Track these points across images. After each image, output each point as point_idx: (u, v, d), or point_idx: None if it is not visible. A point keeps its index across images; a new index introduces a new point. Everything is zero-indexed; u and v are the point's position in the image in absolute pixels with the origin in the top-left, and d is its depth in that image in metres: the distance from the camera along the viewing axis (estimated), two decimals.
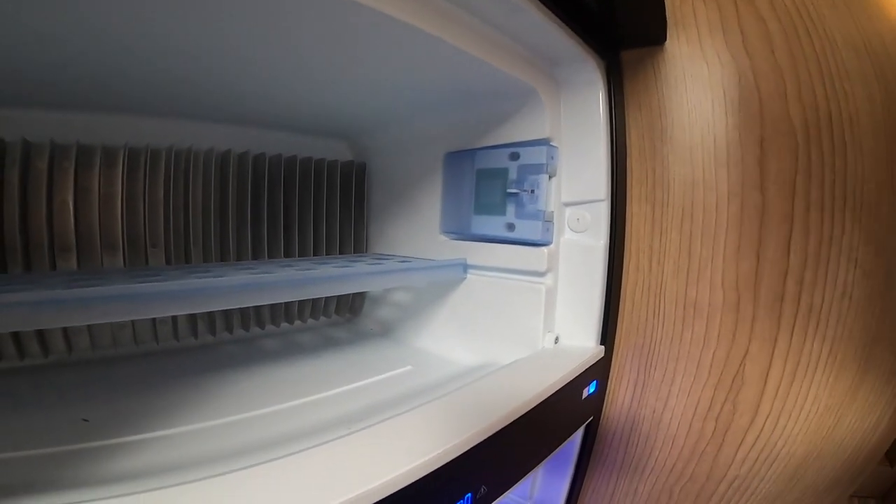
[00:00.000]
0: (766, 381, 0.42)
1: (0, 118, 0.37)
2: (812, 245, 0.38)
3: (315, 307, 0.56)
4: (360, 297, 0.61)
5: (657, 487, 0.51)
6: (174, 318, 0.47)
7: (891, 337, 0.43)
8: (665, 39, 0.42)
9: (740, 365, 0.41)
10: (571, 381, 0.36)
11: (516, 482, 0.35)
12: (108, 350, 0.45)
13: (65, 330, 0.42)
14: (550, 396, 0.34)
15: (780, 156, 0.38)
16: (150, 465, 0.27)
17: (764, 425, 0.45)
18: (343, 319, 0.63)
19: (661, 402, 0.45)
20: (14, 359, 0.41)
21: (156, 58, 0.32)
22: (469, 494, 0.29)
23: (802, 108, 0.39)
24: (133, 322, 0.45)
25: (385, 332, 0.58)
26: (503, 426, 0.29)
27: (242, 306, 0.38)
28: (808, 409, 0.44)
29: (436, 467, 0.24)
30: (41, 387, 0.39)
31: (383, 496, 0.21)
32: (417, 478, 0.23)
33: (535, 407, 0.32)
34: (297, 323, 0.57)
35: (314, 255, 0.54)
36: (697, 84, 0.41)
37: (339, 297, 0.58)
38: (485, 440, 0.27)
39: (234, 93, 0.41)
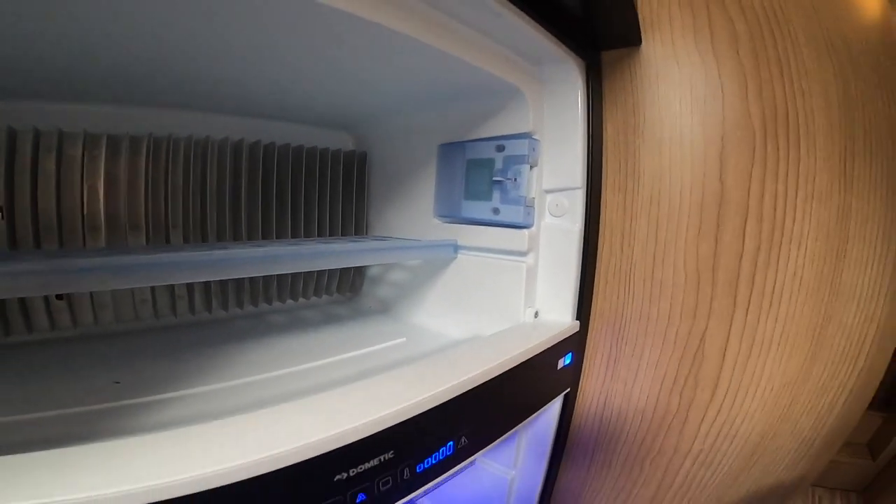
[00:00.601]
0: (724, 358, 0.46)
1: (40, 110, 0.41)
2: (765, 231, 0.42)
3: (318, 285, 0.61)
4: (359, 276, 0.66)
5: (629, 460, 0.55)
6: (190, 293, 0.51)
7: (841, 319, 0.47)
8: (641, 41, 0.45)
9: (700, 341, 0.46)
10: (546, 349, 0.41)
11: (494, 439, 0.39)
12: (131, 323, 0.50)
13: (92, 303, 0.47)
14: (525, 361, 0.38)
15: (738, 149, 0.42)
16: (177, 417, 0.32)
17: (723, 401, 0.49)
18: (344, 298, 0.67)
19: (632, 375, 0.50)
20: (46, 331, 0.45)
21: (182, 61, 0.37)
22: (451, 442, 0.34)
23: (762, 105, 0.43)
24: (154, 297, 0.49)
25: (383, 308, 0.63)
26: (480, 383, 0.33)
27: (260, 275, 0.42)
28: (763, 386, 0.48)
29: (420, 411, 0.28)
30: (73, 356, 0.43)
31: (376, 431, 0.26)
32: (406, 418, 0.27)
33: (511, 369, 0.36)
34: (302, 300, 0.62)
35: (318, 236, 0.58)
36: (668, 83, 0.45)
37: (341, 276, 0.63)
38: (462, 394, 0.32)
39: (249, 89, 0.45)
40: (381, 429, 0.25)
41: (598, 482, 0.58)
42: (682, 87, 0.44)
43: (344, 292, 0.66)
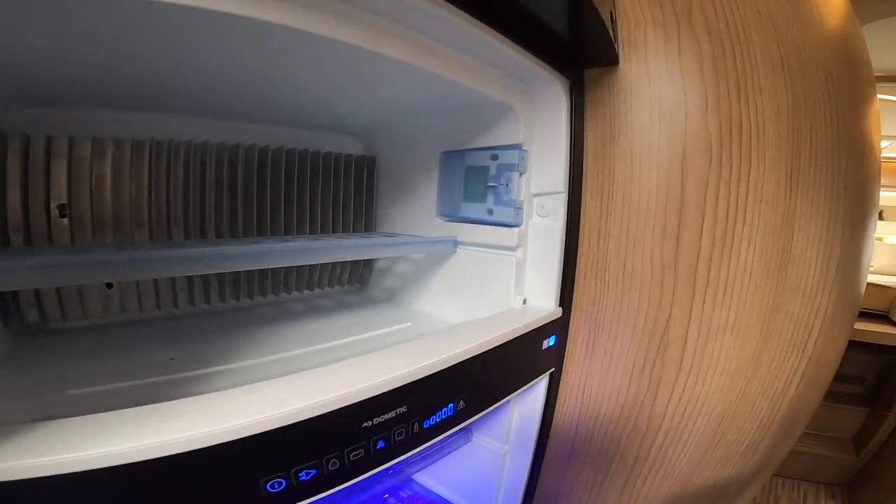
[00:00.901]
0: (685, 342, 0.53)
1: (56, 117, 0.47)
2: (719, 231, 0.49)
3: (332, 276, 0.68)
4: (368, 268, 0.73)
5: (608, 436, 0.61)
6: (221, 284, 0.58)
7: (788, 309, 0.54)
8: (618, 61, 0.51)
9: (665, 327, 0.52)
10: (532, 330, 0.48)
11: (487, 407, 0.46)
12: (170, 310, 0.56)
13: (137, 292, 0.53)
14: (514, 339, 0.45)
15: (697, 158, 0.48)
16: (228, 384, 0.37)
17: (687, 380, 0.55)
18: (354, 288, 0.74)
19: (608, 357, 0.56)
20: (98, 316, 0.52)
21: (207, 80, 0.43)
22: (451, 404, 0.41)
23: (719, 119, 0.49)
24: (190, 286, 0.56)
25: (389, 297, 0.70)
26: (475, 354, 0.40)
27: (288, 265, 0.49)
28: (721, 367, 0.54)
29: (427, 374, 0.35)
30: (126, 338, 0.49)
31: (392, 388, 0.33)
32: (415, 379, 0.34)
33: (502, 344, 0.43)
34: (317, 290, 0.69)
35: (332, 233, 0.65)
36: (640, 98, 0.50)
37: (352, 269, 0.70)
38: (460, 363, 0.39)
39: (267, 100, 0.51)
40: (396, 386, 0.32)
41: (582, 458, 0.64)
42: (651, 102, 0.50)
43: (354, 283, 0.73)
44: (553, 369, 0.57)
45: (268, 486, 0.28)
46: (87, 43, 0.32)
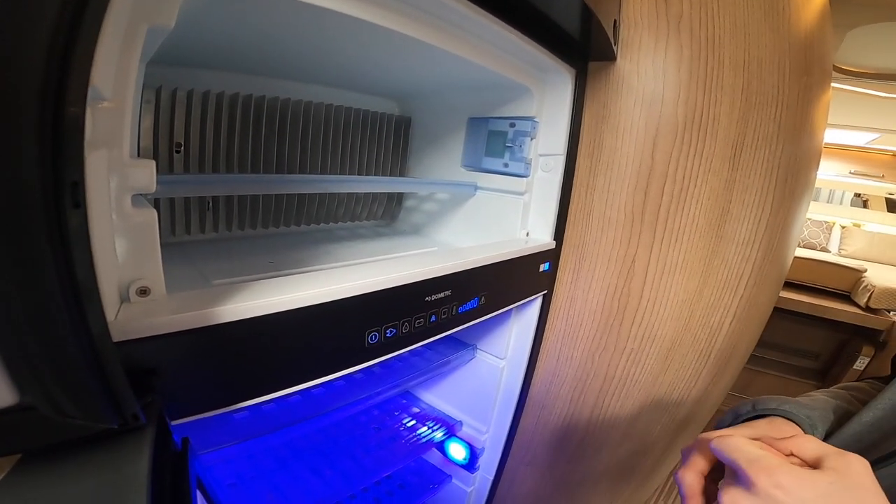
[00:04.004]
0: (646, 274, 0.70)
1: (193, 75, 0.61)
2: (676, 191, 0.65)
3: (370, 211, 0.84)
4: (399, 206, 0.89)
5: (585, 354, 0.77)
6: (288, 211, 0.73)
7: (724, 256, 0.71)
8: (616, 58, 0.64)
9: (632, 262, 0.69)
10: (533, 254, 0.64)
11: (502, 307, 0.62)
12: (250, 231, 0.70)
13: (227, 215, 0.68)
14: (520, 257, 0.61)
15: (665, 137, 0.63)
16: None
17: (647, 308, 0.71)
18: (384, 222, 0.90)
19: (588, 284, 0.73)
20: (198, 233, 0.65)
21: (294, 50, 0.55)
22: (476, 298, 0.57)
23: (686, 109, 0.63)
24: (266, 212, 0.71)
25: (416, 231, 0.86)
26: (493, 262, 0.56)
27: (350, 191, 0.65)
28: (672, 298, 0.71)
29: (463, 269, 0.51)
30: (225, 249, 0.61)
31: (443, 274, 0.49)
32: (456, 271, 0.50)
33: (511, 259, 0.59)
34: (356, 222, 0.85)
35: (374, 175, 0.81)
36: (629, 89, 0.64)
37: (386, 205, 0.86)
38: (483, 266, 0.54)
39: (335, 68, 0.63)
40: (446, 273, 0.49)
41: (564, 373, 0.80)
42: (637, 93, 0.64)
43: (386, 218, 0.89)
44: (546, 292, 0.74)
45: (369, 338, 0.43)
46: (236, 22, 0.44)
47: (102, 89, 0.24)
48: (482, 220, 0.75)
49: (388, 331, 0.46)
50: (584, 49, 0.63)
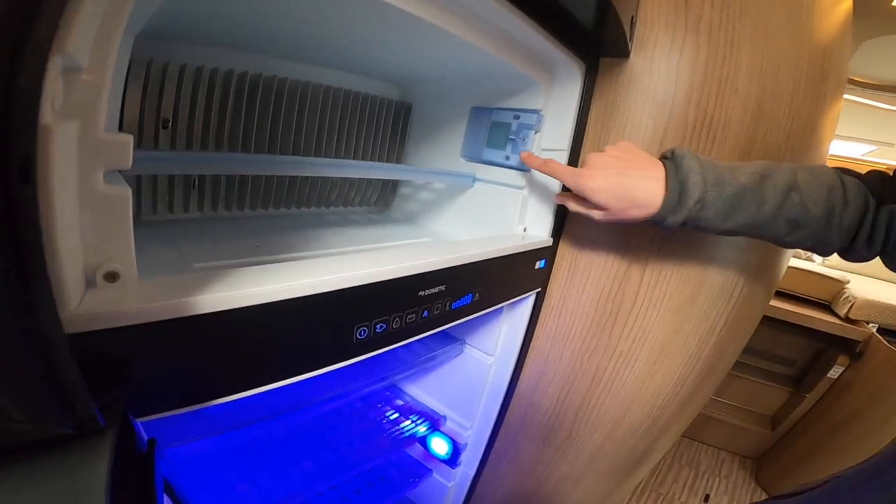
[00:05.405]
0: (642, 277, 0.67)
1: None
2: None
3: (363, 197, 0.81)
4: (393, 193, 0.86)
5: (574, 354, 0.75)
6: (278, 192, 0.70)
7: (720, 262, 0.69)
8: (629, 54, 0.62)
9: (629, 264, 0.67)
10: (529, 251, 0.62)
11: (496, 303, 0.60)
12: (236, 212, 0.67)
13: (212, 194, 0.65)
14: (515, 253, 0.59)
15: (673, 139, 0.61)
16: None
17: (640, 311, 0.70)
18: (378, 209, 0.87)
19: (583, 284, 0.71)
20: (181, 212, 0.62)
21: (291, 27, 0.52)
22: (470, 294, 0.55)
23: (696, 111, 0.61)
24: (255, 192, 0.68)
25: (410, 219, 0.84)
26: (488, 258, 0.54)
27: (338, 176, 0.62)
28: (665, 303, 0.69)
29: (458, 264, 0.49)
30: (211, 229, 0.59)
31: (436, 268, 0.46)
32: (450, 266, 0.48)
33: (506, 255, 0.57)
34: (350, 207, 0.82)
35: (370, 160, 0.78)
36: (640, 87, 0.62)
37: (380, 191, 0.83)
38: (478, 261, 0.52)
39: (336, 48, 0.60)
40: (440, 268, 0.47)
41: (551, 372, 0.78)
42: (647, 92, 0.62)
43: (379, 204, 0.87)
44: (539, 290, 0.72)
45: (357, 333, 0.41)
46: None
47: (79, 58, 0.22)
48: (479, 212, 0.73)
49: (377, 326, 0.44)
50: (598, 44, 0.61)
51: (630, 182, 0.50)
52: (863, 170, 0.55)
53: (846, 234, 0.49)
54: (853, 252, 0.51)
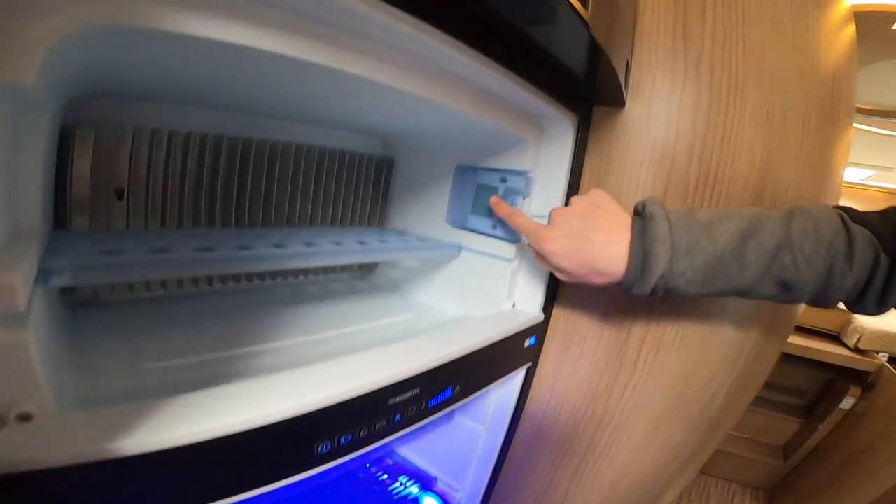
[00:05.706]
0: (640, 349, 0.61)
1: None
2: None
3: (344, 265, 0.76)
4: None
5: (568, 423, 0.70)
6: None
7: (724, 332, 0.62)
8: (625, 103, 0.57)
9: (626, 336, 0.61)
10: (518, 332, 0.56)
11: (476, 391, 0.54)
12: (204, 287, 0.62)
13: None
14: (503, 339, 0.53)
15: (675, 196, 0.56)
16: (272, 364, 0.45)
17: (638, 382, 0.64)
18: (361, 275, 0.81)
19: (577, 359, 0.65)
20: (143, 292, 0.57)
21: (274, 93, 0.49)
22: (450, 388, 0.49)
23: (699, 166, 0.56)
24: None
25: (393, 287, 0.77)
26: (471, 351, 0.48)
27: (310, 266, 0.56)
28: (665, 374, 0.63)
29: (436, 365, 0.44)
30: (172, 312, 0.54)
31: (411, 375, 0.41)
32: (427, 369, 0.43)
33: (492, 344, 0.52)
34: (331, 275, 0.76)
35: (350, 224, 0.72)
36: (637, 139, 0.57)
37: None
38: (459, 358, 0.47)
39: (305, 106, 0.56)
40: (417, 373, 0.41)
41: (544, 442, 0.73)
42: (646, 144, 0.57)
43: (363, 271, 0.81)
44: (530, 364, 0.65)
45: (319, 449, 0.36)
46: (183, 62, 0.37)
47: None
48: (466, 283, 0.67)
49: (342, 438, 0.38)
50: (590, 93, 0.56)
51: (590, 249, 0.45)
52: (864, 194, 0.48)
53: (849, 293, 0.42)
54: (862, 307, 0.43)
